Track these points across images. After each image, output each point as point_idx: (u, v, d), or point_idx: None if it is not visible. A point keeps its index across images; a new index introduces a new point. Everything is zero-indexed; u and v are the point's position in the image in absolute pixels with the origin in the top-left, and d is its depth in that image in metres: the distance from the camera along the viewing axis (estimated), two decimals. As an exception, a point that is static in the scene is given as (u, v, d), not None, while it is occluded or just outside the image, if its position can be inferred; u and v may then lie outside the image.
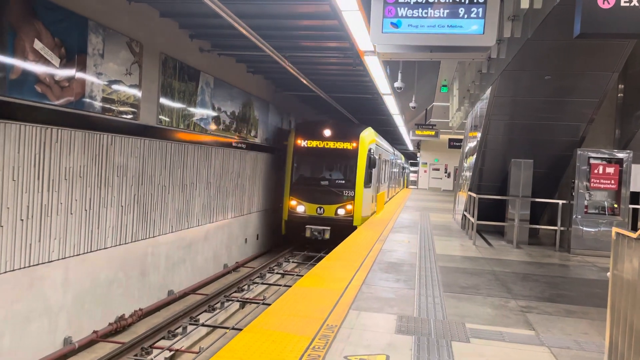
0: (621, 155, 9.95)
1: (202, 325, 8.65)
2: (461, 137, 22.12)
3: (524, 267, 8.48)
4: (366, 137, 15.37)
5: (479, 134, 11.19)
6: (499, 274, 7.77)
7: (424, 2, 5.76)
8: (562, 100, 9.46)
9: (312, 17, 9.09)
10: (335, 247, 9.58)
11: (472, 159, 12.37)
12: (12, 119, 6.20)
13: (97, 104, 7.74)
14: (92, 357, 7.48)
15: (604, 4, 4.49)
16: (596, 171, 9.93)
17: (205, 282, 11.70)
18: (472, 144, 12.76)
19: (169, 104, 9.85)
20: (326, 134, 15.22)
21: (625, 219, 9.88)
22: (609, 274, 3.79)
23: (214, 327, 8.78)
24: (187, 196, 10.86)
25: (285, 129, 17.70)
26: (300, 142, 15.39)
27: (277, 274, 12.68)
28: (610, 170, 9.91)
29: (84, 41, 7.38)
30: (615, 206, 9.97)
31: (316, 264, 8.16)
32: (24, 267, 6.53)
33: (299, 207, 14.95)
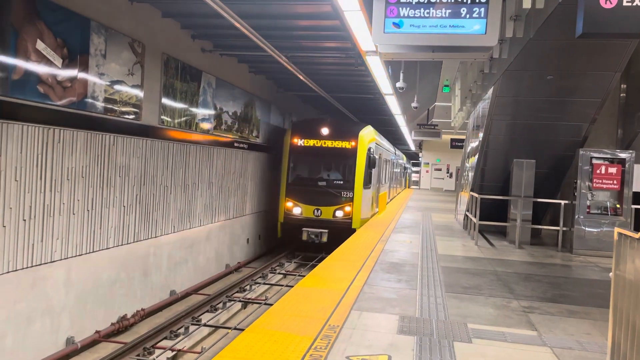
0: (624, 155, 9.93)
1: (204, 325, 8.66)
2: (463, 137, 22.09)
3: (526, 268, 8.46)
4: (365, 136, 14.87)
5: (481, 134, 11.18)
6: (501, 274, 7.76)
7: (425, 2, 5.75)
8: (565, 100, 9.45)
9: (314, 17, 9.09)
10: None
11: (474, 159, 12.36)
12: (15, 119, 6.22)
13: (100, 104, 7.76)
14: (95, 357, 7.48)
15: (606, 3, 4.49)
16: (598, 171, 9.91)
17: (207, 282, 11.71)
18: (474, 144, 12.75)
19: (171, 104, 9.87)
20: (324, 133, 14.68)
21: (627, 219, 9.86)
22: (611, 274, 3.78)
23: (216, 327, 8.78)
24: (189, 196, 10.87)
25: (287, 129, 17.68)
26: (296, 141, 14.85)
27: (279, 274, 12.68)
28: (612, 170, 9.89)
29: (86, 41, 7.40)
30: (617, 206, 9.95)
31: (317, 265, 8.14)
32: (27, 267, 6.55)
33: (295, 208, 14.41)
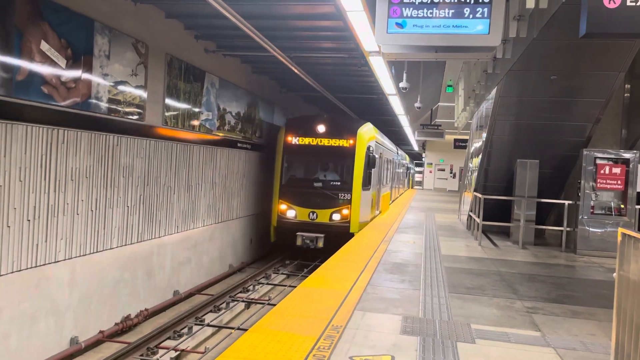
0: (628, 155, 9.89)
1: (208, 325, 8.67)
2: (466, 137, 22.06)
3: (529, 268, 8.44)
4: (364, 134, 14.00)
5: (485, 134, 11.16)
6: (504, 274, 7.74)
7: (429, 2, 5.75)
8: (568, 100, 9.42)
9: (317, 17, 9.10)
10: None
11: (477, 160, 12.34)
12: (19, 120, 6.25)
13: (103, 105, 7.78)
14: (99, 357, 7.51)
15: (609, 3, 4.47)
16: (602, 171, 9.88)
17: (210, 283, 11.73)
18: (478, 144, 12.73)
19: (174, 105, 9.89)
20: (320, 130, 13.78)
21: (631, 219, 9.82)
22: (615, 274, 3.77)
23: (220, 328, 8.80)
24: (193, 197, 10.89)
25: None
26: (291, 139, 13.95)
27: (282, 274, 12.69)
28: (616, 170, 9.86)
29: (90, 42, 7.42)
30: (621, 207, 9.91)
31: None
32: (31, 267, 6.57)
33: (289, 211, 13.57)
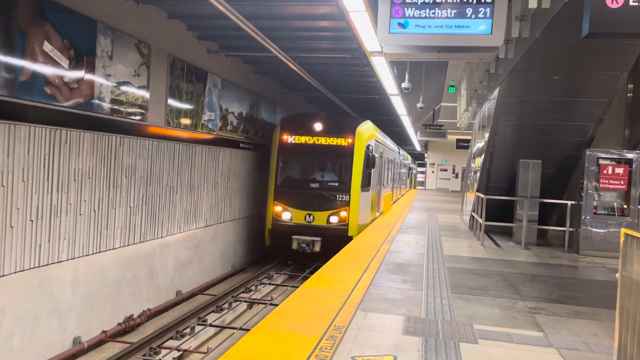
0: (631, 155, 9.87)
1: (210, 325, 8.68)
2: (469, 137, 22.05)
3: (532, 268, 8.43)
4: (364, 132, 13.39)
5: (487, 135, 11.15)
6: (507, 275, 7.73)
7: (431, 2, 5.75)
8: (571, 100, 9.41)
9: (319, 18, 9.10)
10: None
11: (480, 160, 12.33)
12: (22, 121, 6.26)
13: (106, 106, 7.80)
14: (101, 357, 7.52)
15: (612, 3, 4.47)
16: (605, 172, 9.86)
17: (213, 283, 11.74)
18: (480, 144, 12.72)
19: (176, 105, 9.90)
20: (317, 129, 13.17)
21: (634, 219, 9.80)
22: (617, 275, 3.76)
23: (222, 328, 8.80)
24: (195, 197, 10.90)
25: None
26: (286, 138, 13.34)
27: (284, 274, 12.69)
28: (619, 170, 9.84)
29: (92, 43, 7.44)
30: (624, 207, 9.89)
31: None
32: (34, 268, 6.59)
33: (285, 213, 12.97)
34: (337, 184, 13.07)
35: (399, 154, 25.29)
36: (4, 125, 6.01)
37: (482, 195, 10.90)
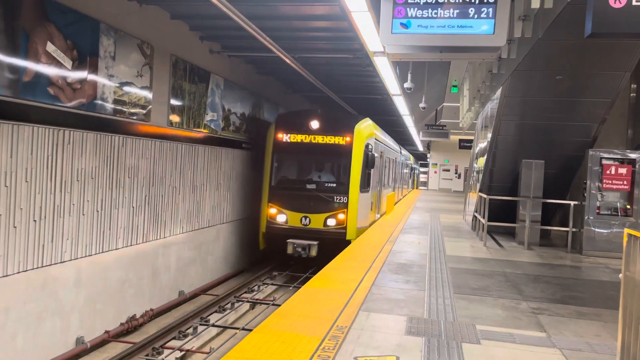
0: (634, 155, 9.84)
1: (213, 325, 8.69)
2: (471, 137, 22.00)
3: (535, 269, 8.42)
4: (363, 130, 12.79)
5: (490, 135, 11.13)
6: (509, 275, 7.72)
7: (433, 2, 5.74)
8: (574, 100, 9.39)
9: (322, 18, 9.11)
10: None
11: (482, 160, 12.31)
12: (25, 121, 6.28)
13: (109, 106, 7.81)
14: (104, 356, 7.54)
15: (615, 3, 4.45)
16: (608, 172, 9.83)
17: (215, 283, 11.76)
18: (483, 144, 12.70)
19: (179, 106, 9.92)
20: (313, 127, 12.59)
21: (638, 220, 9.77)
22: (621, 275, 3.75)
23: (225, 328, 8.81)
24: (198, 197, 10.91)
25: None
26: (281, 137, 12.79)
27: (287, 274, 12.69)
28: (622, 170, 9.81)
29: (95, 43, 7.46)
30: (627, 207, 9.87)
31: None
32: (37, 268, 6.61)
33: (280, 216, 12.41)
34: (334, 185, 12.53)
35: (401, 153, 24.81)
36: (7, 125, 6.03)
37: (484, 195, 10.88)
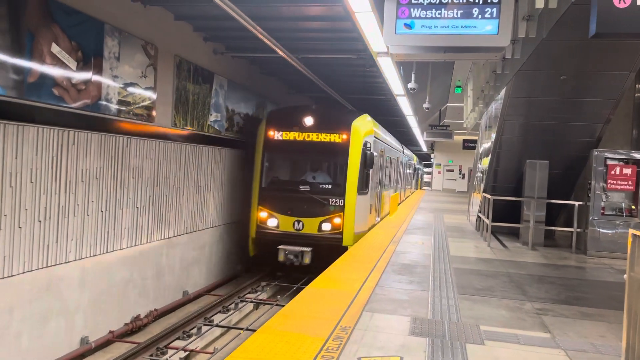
0: (639, 155, 9.81)
1: (217, 326, 8.70)
2: (475, 138, 21.98)
3: (539, 269, 8.40)
4: (361, 127, 11.83)
5: (494, 135, 11.12)
6: (514, 276, 7.70)
7: (437, 2, 5.74)
8: (578, 100, 9.36)
9: (325, 19, 9.11)
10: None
11: (486, 160, 12.29)
12: (30, 122, 6.31)
13: (113, 107, 7.84)
14: (108, 356, 7.56)
15: (620, 3, 4.44)
16: (613, 172, 9.80)
17: (219, 283, 11.77)
18: (487, 144, 12.68)
19: (183, 106, 9.94)
20: (307, 123, 11.70)
21: (643, 220, 9.75)
22: (625, 276, 3.74)
23: (229, 328, 8.83)
24: (202, 197, 10.93)
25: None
26: (272, 134, 11.88)
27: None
28: (627, 171, 9.78)
29: (100, 44, 7.48)
30: (632, 207, 9.83)
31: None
32: (42, 268, 6.63)
33: (271, 220, 11.49)
34: (330, 187, 11.60)
35: (403, 152, 23.81)
36: (12, 126, 6.05)
37: (488, 195, 10.86)
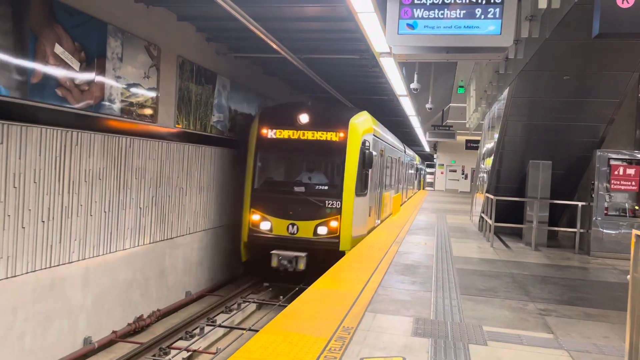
0: (642, 156, 9.80)
1: (219, 326, 8.71)
2: (478, 138, 21.95)
3: (542, 270, 8.38)
4: (359, 125, 11.16)
5: (497, 135, 11.10)
6: (517, 276, 7.69)
7: (440, 2, 5.73)
8: (581, 100, 9.35)
9: (328, 19, 9.11)
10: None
11: (489, 161, 12.27)
12: (34, 123, 6.32)
13: (116, 107, 7.86)
14: (111, 357, 7.57)
15: (623, 3, 4.43)
16: (616, 172, 9.78)
17: (222, 284, 11.77)
18: (490, 145, 12.66)
19: (186, 107, 9.95)
20: (302, 121, 11.03)
21: (646, 220, 9.73)
22: (629, 277, 3.73)
23: (231, 328, 8.83)
24: (204, 198, 10.94)
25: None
26: (265, 133, 11.20)
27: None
28: (631, 171, 9.76)
29: (103, 45, 7.50)
30: (636, 208, 9.81)
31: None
32: (45, 268, 6.65)
33: (264, 223, 10.87)
34: (326, 188, 10.98)
35: (405, 152, 23.02)
36: (16, 127, 6.07)
37: (491, 196, 10.84)
